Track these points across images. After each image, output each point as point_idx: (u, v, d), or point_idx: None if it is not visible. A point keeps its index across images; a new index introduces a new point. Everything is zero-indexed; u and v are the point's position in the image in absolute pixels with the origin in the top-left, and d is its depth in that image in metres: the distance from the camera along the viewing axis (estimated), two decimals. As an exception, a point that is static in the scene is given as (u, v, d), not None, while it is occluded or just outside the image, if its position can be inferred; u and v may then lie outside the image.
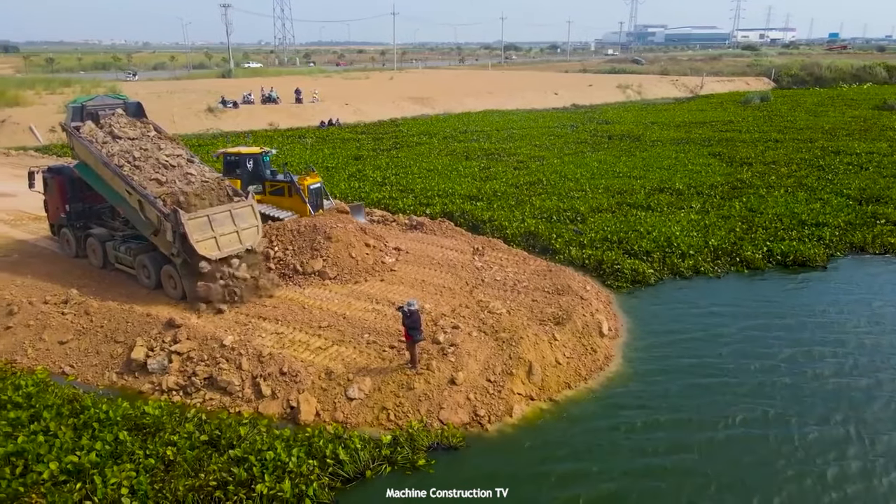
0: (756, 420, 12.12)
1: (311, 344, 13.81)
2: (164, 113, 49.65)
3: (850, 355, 14.46)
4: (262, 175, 21.43)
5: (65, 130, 17.97)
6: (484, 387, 12.45)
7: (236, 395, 12.41)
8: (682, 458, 11.05)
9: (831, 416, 12.21)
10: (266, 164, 21.83)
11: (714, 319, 16.27)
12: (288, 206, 20.54)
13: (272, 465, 10.01)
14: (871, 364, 14.10)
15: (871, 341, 15.14)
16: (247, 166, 21.28)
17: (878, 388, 13.20)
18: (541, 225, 22.78)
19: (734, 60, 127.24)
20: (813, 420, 12.09)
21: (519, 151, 38.23)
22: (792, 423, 11.98)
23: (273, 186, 21.14)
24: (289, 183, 20.67)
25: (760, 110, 59.32)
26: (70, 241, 18.72)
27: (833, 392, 13.06)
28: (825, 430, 11.81)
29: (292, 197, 20.56)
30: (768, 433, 11.71)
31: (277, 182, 21.09)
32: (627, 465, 10.83)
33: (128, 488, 9.50)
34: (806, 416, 12.21)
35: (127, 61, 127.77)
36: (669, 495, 10.18)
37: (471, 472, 10.61)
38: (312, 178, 21.13)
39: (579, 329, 14.66)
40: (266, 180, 21.32)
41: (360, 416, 11.88)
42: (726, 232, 21.93)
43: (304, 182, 20.68)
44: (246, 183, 20.79)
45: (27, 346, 14.13)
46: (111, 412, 11.21)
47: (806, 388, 13.17)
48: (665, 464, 10.89)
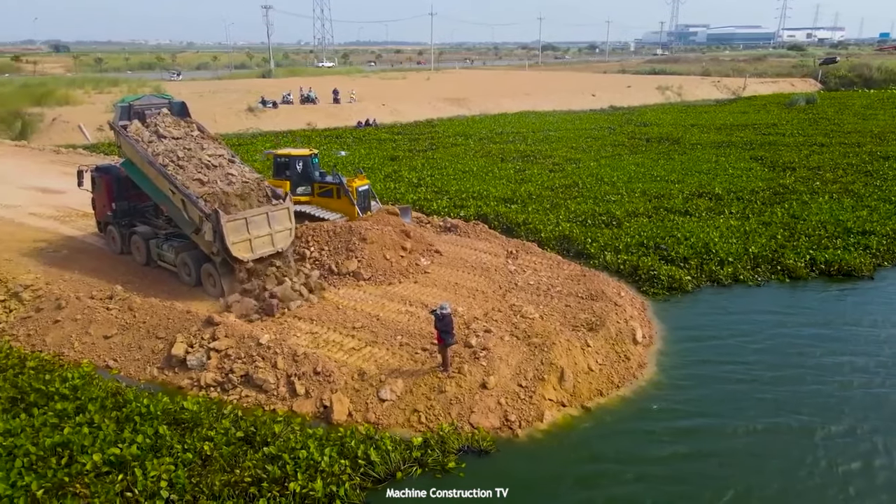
0: (786, 431, 11.89)
1: (345, 344, 14.01)
2: (205, 112, 50.75)
3: (887, 369, 14.01)
4: (311, 177, 21.62)
5: (112, 129, 18.50)
6: (515, 392, 12.45)
7: (271, 392, 12.66)
8: (707, 465, 10.97)
9: (862, 429, 11.92)
10: (315, 165, 22.02)
11: (751, 329, 15.94)
12: (336, 208, 20.70)
13: (305, 464, 10.20)
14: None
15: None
16: (296, 168, 21.51)
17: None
18: (575, 229, 22.64)
19: (779, 61, 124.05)
20: (843, 433, 11.82)
21: (555, 153, 38.02)
22: (820, 436, 11.73)
23: (322, 188, 21.26)
24: (338, 185, 20.78)
25: (805, 113, 57.74)
26: (116, 238, 19.32)
27: (867, 406, 12.68)
28: (854, 442, 11.55)
29: (341, 199, 20.69)
30: (797, 444, 11.49)
31: (326, 184, 21.21)
32: (654, 472, 10.78)
33: (166, 481, 9.77)
34: (836, 428, 11.93)
35: (171, 61, 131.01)
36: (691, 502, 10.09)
37: (500, 475, 10.61)
38: (361, 180, 21.25)
39: (613, 336, 14.54)
40: (315, 182, 21.47)
41: (392, 417, 12.01)
42: (767, 239, 21.44)
43: (353, 184, 20.78)
44: (295, 184, 21.05)
45: (74, 340, 14.65)
46: (152, 406, 11.56)
47: (839, 401, 12.82)
48: (691, 471, 10.82)
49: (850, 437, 11.74)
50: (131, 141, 17.36)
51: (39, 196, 26.28)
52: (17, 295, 16.25)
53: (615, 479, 10.62)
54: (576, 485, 10.56)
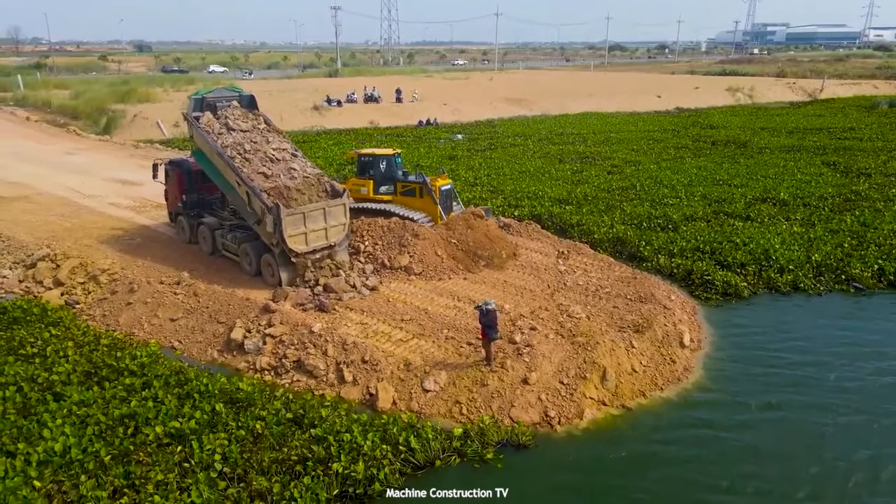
0: (824, 453, 11.42)
1: (393, 335, 14.47)
2: (273, 110, 52.49)
3: None
4: (394, 176, 21.69)
5: (186, 120, 19.55)
6: (556, 388, 12.60)
7: (321, 378, 13.26)
8: (737, 475, 10.79)
9: None
10: (398, 164, 22.11)
11: (806, 339, 15.48)
12: (419, 207, 20.69)
13: (348, 447, 10.68)
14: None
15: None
16: (379, 167, 21.58)
17: None
18: (630, 231, 22.44)
19: (863, 62, 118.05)
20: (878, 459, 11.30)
21: (614, 155, 37.58)
22: (858, 462, 11.19)
23: (405, 187, 21.24)
24: (420, 184, 20.74)
25: (888, 117, 54.84)
26: (185, 228, 20.47)
27: None
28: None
29: (423, 198, 20.65)
30: (835, 471, 10.99)
31: (409, 183, 21.19)
32: (684, 475, 10.77)
33: (220, 455, 10.45)
34: (868, 453, 11.39)
35: (244, 61, 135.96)
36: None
37: (537, 469, 10.85)
38: (443, 180, 21.14)
39: (659, 338, 14.45)
40: (398, 181, 21.52)
41: (434, 407, 12.37)
42: (833, 247, 20.65)
43: (436, 183, 20.68)
44: (378, 183, 21.32)
45: (144, 322, 15.71)
46: (210, 385, 12.33)
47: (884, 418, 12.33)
48: (722, 475, 10.73)
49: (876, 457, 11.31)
50: (202, 132, 18.30)
51: (119, 187, 28.03)
52: (95, 278, 17.51)
53: (646, 479, 10.64)
54: (607, 482, 10.63)
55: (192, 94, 20.27)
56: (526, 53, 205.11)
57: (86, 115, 50.34)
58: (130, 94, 54.47)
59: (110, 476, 9.95)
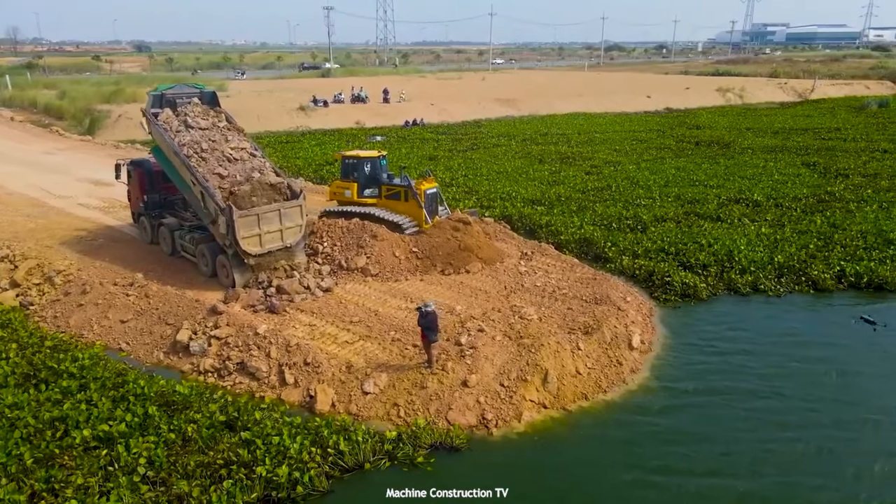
0: (769, 454, 11.32)
1: (340, 337, 14.39)
2: (259, 110, 52.62)
3: None
4: (378, 179, 21.21)
5: (145, 116, 19.24)
6: (496, 391, 12.51)
7: (263, 380, 13.17)
8: (672, 479, 10.68)
9: (853, 447, 11.35)
10: (383, 167, 21.65)
11: (759, 340, 15.39)
12: (403, 211, 20.26)
13: (275, 450, 10.60)
14: None
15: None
16: (364, 170, 21.11)
17: None
18: (597, 232, 22.34)
19: (858, 62, 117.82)
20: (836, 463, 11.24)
21: (595, 156, 37.47)
22: (806, 468, 11.12)
23: (389, 191, 20.78)
24: (405, 187, 20.27)
25: (876, 117, 54.79)
26: (147, 228, 20.38)
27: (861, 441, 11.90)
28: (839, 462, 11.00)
29: (408, 202, 20.22)
30: (778, 469, 10.95)
31: (394, 186, 20.72)
32: (615, 479, 10.70)
33: (146, 458, 10.36)
34: (832, 454, 11.35)
35: (239, 61, 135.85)
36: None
37: (467, 472, 10.76)
38: (429, 183, 20.59)
39: (607, 340, 14.35)
40: (382, 184, 21.05)
41: (373, 409, 12.29)
42: (797, 248, 20.55)
43: (421, 187, 20.15)
44: (362, 186, 20.90)
45: (94, 323, 15.63)
46: (147, 388, 12.24)
47: (843, 424, 12.23)
48: (650, 482, 10.62)
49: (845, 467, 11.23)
50: (160, 129, 18.09)
51: (91, 188, 27.94)
52: (51, 279, 17.43)
53: (576, 483, 10.55)
54: (534, 485, 10.53)
55: (151, 90, 20.09)
56: (522, 53, 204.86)
57: (71, 116, 50.28)
58: (117, 94, 54.39)
59: (31, 480, 9.86)
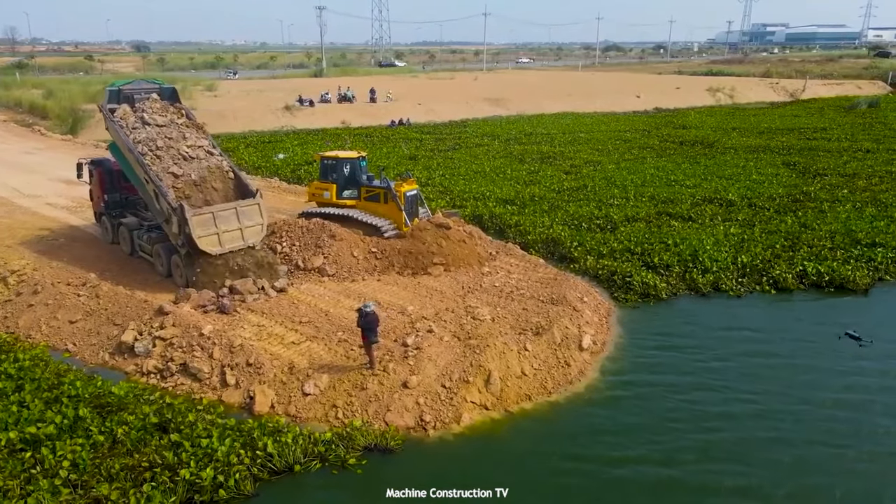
0: (710, 454, 11.19)
1: (287, 338, 14.23)
2: (245, 110, 52.50)
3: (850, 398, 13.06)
4: (358, 180, 20.91)
5: (101, 111, 18.93)
6: (437, 392, 12.35)
7: (205, 381, 13.02)
8: (604, 482, 10.56)
9: (780, 449, 11.23)
10: (363, 169, 21.35)
11: (715, 342, 15.24)
12: (383, 213, 19.99)
13: (202, 453, 10.44)
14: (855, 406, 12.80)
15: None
16: (343, 171, 20.86)
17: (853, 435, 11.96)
18: (565, 232, 22.20)
19: (854, 62, 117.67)
20: (779, 474, 11.06)
21: (576, 156, 37.34)
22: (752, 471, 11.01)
23: (369, 192, 20.52)
24: (385, 189, 20.01)
25: (864, 117, 54.69)
26: (107, 228, 20.22)
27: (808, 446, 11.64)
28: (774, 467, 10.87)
29: (388, 203, 19.98)
30: (718, 475, 10.75)
31: (373, 188, 20.46)
32: (548, 481, 10.54)
33: (70, 461, 10.21)
34: (768, 469, 11.11)
35: (233, 61, 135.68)
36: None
37: (397, 475, 10.59)
38: (409, 185, 20.37)
39: (557, 341, 14.20)
40: (362, 185, 20.75)
41: (312, 411, 12.15)
42: (763, 248, 20.42)
43: (401, 189, 19.86)
44: (341, 188, 20.64)
45: (42, 324, 15.46)
46: (81, 389, 12.08)
47: (768, 414, 12.15)
48: (584, 485, 10.49)
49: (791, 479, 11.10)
50: (116, 126, 17.81)
51: (61, 187, 27.76)
52: (5, 279, 17.26)
53: (503, 483, 10.37)
54: (463, 485, 10.34)
55: (108, 84, 19.78)
56: (519, 54, 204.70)
57: (55, 115, 50.02)
58: (102, 94, 54.04)
59: (-50, 482, 9.71)
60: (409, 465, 10.88)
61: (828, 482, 10.53)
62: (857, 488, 10.44)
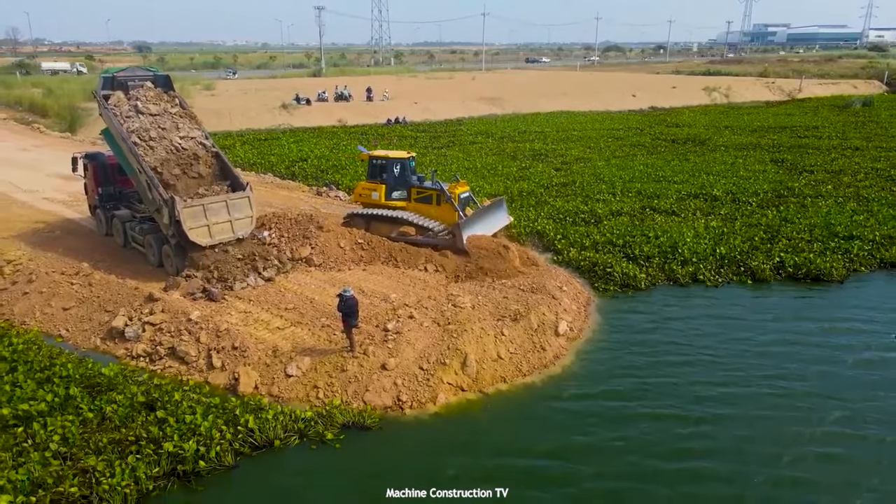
0: (675, 437, 11.57)
1: (272, 323, 14.72)
2: (243, 108, 53.05)
3: (826, 395, 13.29)
4: (408, 181, 20.55)
5: (95, 98, 19.14)
6: (414, 374, 12.83)
7: (192, 364, 13.50)
8: (565, 465, 10.89)
9: (755, 434, 11.69)
10: (412, 169, 20.95)
11: (688, 330, 15.69)
12: (436, 216, 19.64)
13: (186, 428, 10.93)
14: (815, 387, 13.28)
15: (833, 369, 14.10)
16: (393, 171, 20.49)
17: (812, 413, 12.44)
18: (550, 225, 22.66)
19: (853, 62, 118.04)
20: (732, 456, 11.33)
21: (568, 153, 37.81)
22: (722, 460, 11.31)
23: (420, 193, 20.19)
24: (438, 191, 19.70)
25: (857, 116, 55.15)
26: (101, 220, 20.71)
27: (772, 425, 12.04)
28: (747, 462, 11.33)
29: (441, 206, 19.61)
30: (683, 456, 11.14)
31: (425, 189, 20.15)
32: (509, 463, 10.90)
33: (60, 436, 10.70)
34: (728, 456, 11.25)
35: (233, 61, 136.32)
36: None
37: (373, 450, 11.10)
38: (462, 187, 20.04)
39: (533, 326, 14.67)
40: (412, 186, 20.40)
41: (294, 392, 12.63)
42: (742, 240, 20.88)
43: (455, 191, 19.48)
44: (391, 188, 20.41)
45: (37, 311, 15.95)
46: (72, 370, 12.58)
47: (742, 421, 12.13)
48: (551, 466, 10.86)
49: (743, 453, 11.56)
50: (109, 113, 18.06)
51: (58, 182, 28.25)
52: (0, 269, 17.75)
53: (476, 462, 10.85)
54: (438, 461, 10.85)
55: (103, 71, 19.98)
56: (518, 54, 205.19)
57: (55, 113, 50.65)
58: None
59: (-57, 454, 10.19)
60: (384, 441, 11.36)
61: (795, 452, 11.01)
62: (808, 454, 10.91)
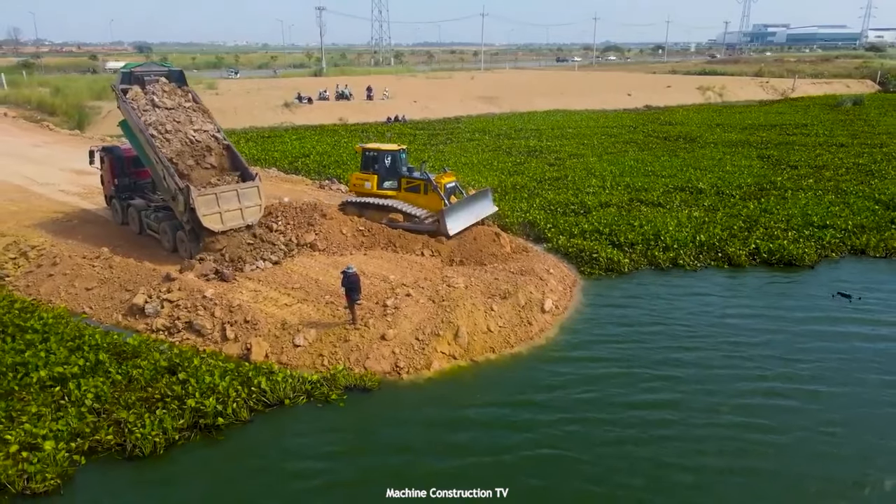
0: (652, 404, 12.69)
1: (280, 301, 15.98)
2: (247, 107, 54.27)
3: (775, 357, 14.58)
4: (398, 172, 21.66)
5: (114, 92, 20.40)
6: (411, 344, 14.09)
7: (207, 336, 14.76)
8: (559, 422, 12.06)
9: (714, 403, 12.93)
10: (403, 161, 22.02)
11: (664, 305, 16.99)
12: (423, 205, 20.79)
13: (205, 387, 12.19)
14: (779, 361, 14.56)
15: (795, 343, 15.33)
16: (384, 162, 21.59)
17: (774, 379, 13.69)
18: (541, 215, 23.91)
19: (849, 62, 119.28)
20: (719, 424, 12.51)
21: (562, 149, 39.04)
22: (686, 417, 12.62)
23: (409, 183, 21.35)
24: (425, 181, 20.85)
25: (847, 114, 56.43)
26: (118, 210, 21.97)
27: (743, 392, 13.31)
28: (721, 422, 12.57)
29: (428, 195, 20.75)
30: (662, 418, 12.27)
31: (414, 179, 21.31)
32: (504, 418, 12.14)
33: (93, 394, 11.96)
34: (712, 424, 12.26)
35: (235, 61, 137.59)
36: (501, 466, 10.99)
37: (374, 409, 12.38)
38: (448, 177, 21.18)
39: (521, 303, 15.92)
40: (402, 177, 21.57)
41: (301, 360, 13.88)
42: (722, 229, 22.13)
43: (441, 180, 20.58)
44: (382, 178, 21.50)
45: (62, 291, 17.21)
46: (100, 339, 13.85)
47: (714, 388, 13.25)
48: (533, 421, 12.06)
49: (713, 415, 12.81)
50: (127, 106, 19.31)
51: (73, 176, 29.51)
52: (25, 254, 19.01)
53: (473, 420, 12.11)
54: (432, 416, 12.11)
55: (122, 66, 21.16)
56: (517, 54, 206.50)
57: (63, 112, 51.87)
58: (107, 91, 55.88)
59: (-9, 409, 11.45)
60: (384, 401, 12.64)
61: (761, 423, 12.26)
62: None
